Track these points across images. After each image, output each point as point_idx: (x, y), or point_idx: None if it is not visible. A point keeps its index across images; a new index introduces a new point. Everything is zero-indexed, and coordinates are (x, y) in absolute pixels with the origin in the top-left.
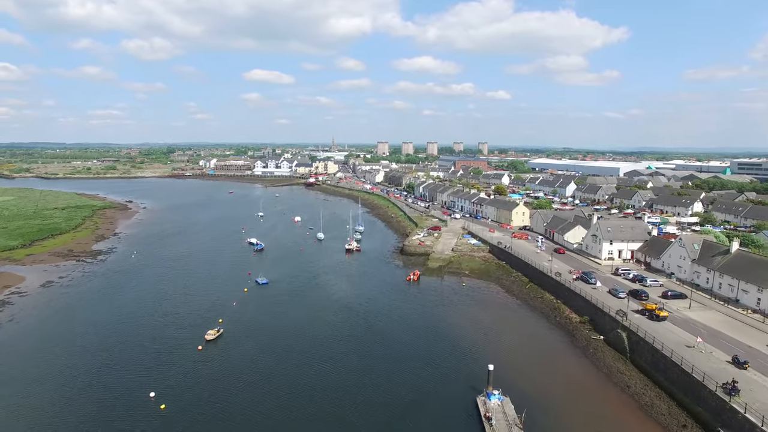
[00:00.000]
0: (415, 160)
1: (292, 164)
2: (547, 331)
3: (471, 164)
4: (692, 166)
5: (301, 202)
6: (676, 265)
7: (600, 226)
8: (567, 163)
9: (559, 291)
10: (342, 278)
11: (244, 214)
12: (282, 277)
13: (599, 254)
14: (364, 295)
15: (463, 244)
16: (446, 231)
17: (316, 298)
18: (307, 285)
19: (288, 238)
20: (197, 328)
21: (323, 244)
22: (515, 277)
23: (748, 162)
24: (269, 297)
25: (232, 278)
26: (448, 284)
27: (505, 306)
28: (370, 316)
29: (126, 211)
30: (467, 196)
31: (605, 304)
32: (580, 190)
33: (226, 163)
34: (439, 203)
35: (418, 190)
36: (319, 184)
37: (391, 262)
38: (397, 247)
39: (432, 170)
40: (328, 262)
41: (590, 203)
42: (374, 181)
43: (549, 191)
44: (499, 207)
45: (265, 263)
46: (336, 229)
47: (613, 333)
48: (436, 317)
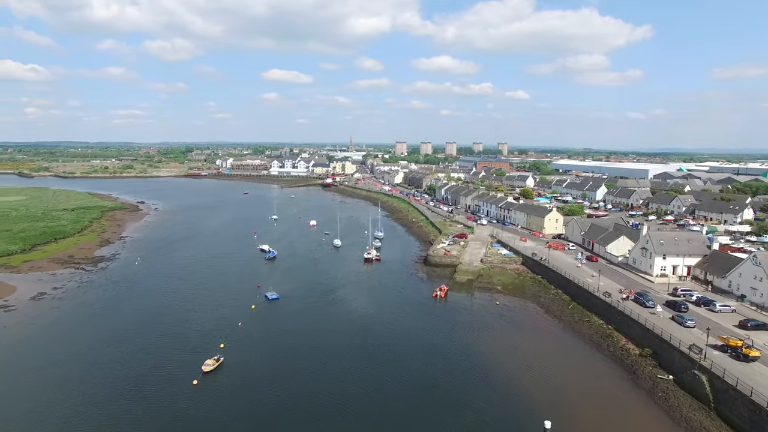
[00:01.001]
0: (434, 161)
1: (309, 164)
2: (603, 365)
3: (492, 165)
4: (728, 168)
5: (318, 204)
6: (749, 287)
7: (651, 238)
8: (591, 164)
9: (610, 314)
10: (360, 293)
11: (257, 217)
12: (294, 292)
13: (650, 270)
14: (386, 314)
15: (492, 255)
16: (473, 239)
17: (331, 319)
18: (321, 301)
19: (302, 244)
20: (195, 353)
21: (340, 251)
22: (555, 295)
23: None
24: (279, 317)
25: (239, 291)
26: (480, 302)
27: (547, 331)
28: (394, 343)
29: (136, 212)
30: (493, 200)
31: (672, 336)
32: (611, 194)
33: (243, 163)
34: (463, 207)
35: (439, 192)
36: (336, 185)
37: (414, 274)
38: (419, 257)
39: (452, 171)
40: (345, 274)
41: (623, 208)
42: (393, 182)
43: (578, 194)
44: (530, 213)
45: (276, 274)
46: (354, 235)
47: (688, 374)
48: (470, 345)
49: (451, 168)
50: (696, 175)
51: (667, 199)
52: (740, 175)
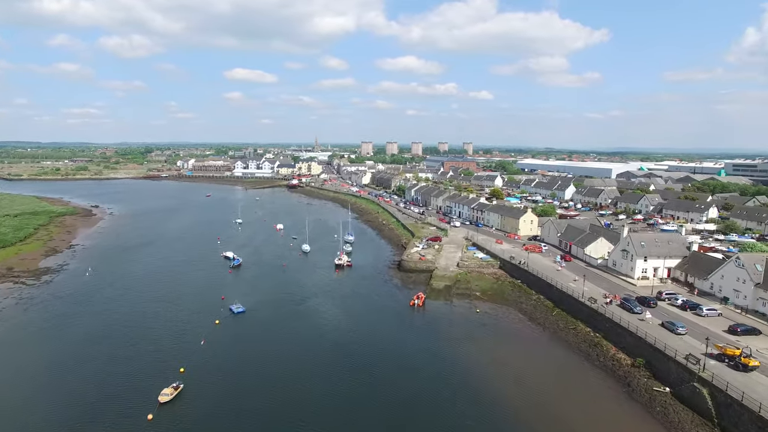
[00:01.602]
0: (401, 161)
1: (274, 165)
2: (594, 377)
3: (460, 165)
4: (685, 167)
5: (284, 206)
6: (732, 289)
7: (632, 240)
8: (556, 164)
9: (597, 321)
10: (333, 303)
11: (220, 221)
12: (262, 303)
13: (631, 272)
14: (361, 326)
15: (469, 259)
16: (447, 242)
17: (302, 334)
18: (291, 314)
19: (269, 250)
20: (151, 381)
21: (309, 257)
22: (537, 301)
23: (743, 163)
24: (245, 332)
25: (202, 305)
26: (459, 310)
27: (533, 341)
28: (371, 359)
29: (89, 217)
30: (465, 201)
31: (667, 345)
32: (579, 193)
33: (205, 164)
34: (434, 208)
35: (409, 193)
36: (302, 186)
37: (388, 281)
38: (393, 262)
39: (420, 171)
40: (315, 281)
41: (592, 207)
42: (361, 183)
43: (547, 194)
44: (504, 214)
45: (242, 284)
46: (323, 239)
47: (687, 387)
48: (453, 358)
49: (419, 168)
50: (657, 174)
51: (634, 199)
52: (697, 174)
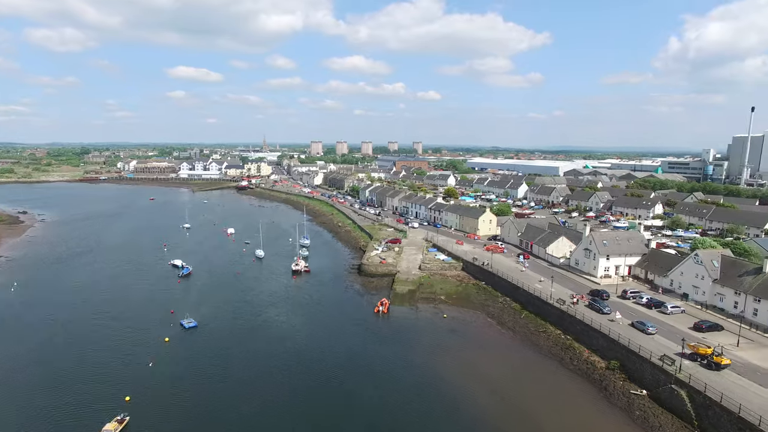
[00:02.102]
0: (352, 161)
1: (222, 166)
2: (570, 382)
3: (412, 164)
4: (626, 165)
5: (234, 209)
6: (691, 285)
7: (594, 239)
8: (506, 162)
9: (567, 323)
10: (292, 313)
11: (166, 226)
12: (215, 316)
13: (594, 271)
14: (324, 337)
15: (431, 261)
16: (407, 244)
17: (261, 348)
18: (248, 326)
19: (220, 256)
20: (92, 413)
21: (264, 263)
22: (503, 303)
23: (677, 161)
24: (199, 350)
25: (149, 320)
26: (426, 315)
27: (505, 346)
28: (338, 372)
29: (15, 225)
30: (422, 201)
31: (641, 347)
32: (532, 192)
33: (148, 165)
34: (390, 209)
35: (364, 194)
36: (252, 188)
37: (349, 287)
38: (352, 266)
39: (372, 171)
40: (272, 289)
41: (545, 205)
42: (313, 183)
43: (500, 193)
44: (462, 214)
45: (192, 295)
46: (277, 244)
47: (665, 389)
48: (425, 368)
49: (371, 168)
50: (601, 171)
51: (585, 196)
52: (637, 171)
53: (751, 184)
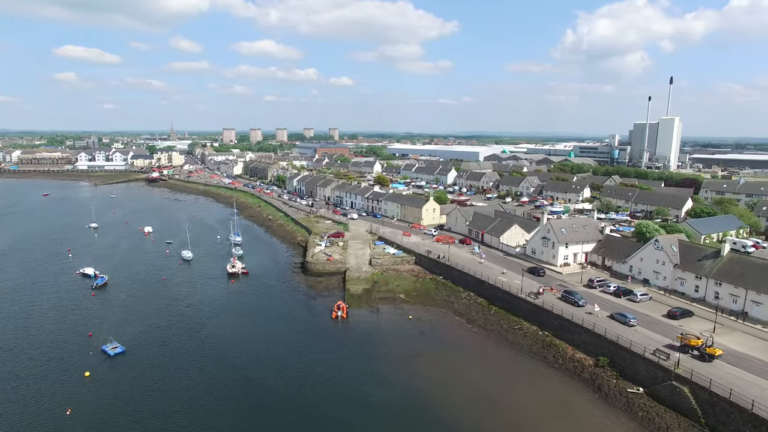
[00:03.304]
0: (269, 148)
1: (128, 156)
2: (560, 383)
3: (333, 151)
4: (541, 150)
5: (147, 204)
6: (651, 271)
7: (553, 227)
8: (426, 148)
9: (542, 318)
10: (236, 323)
11: (68, 226)
12: (145, 336)
13: (553, 260)
14: (279, 351)
15: (380, 255)
16: (350, 237)
17: (206, 373)
18: (186, 346)
19: (140, 260)
20: None
21: (193, 266)
22: (468, 299)
23: (587, 146)
24: (131, 384)
25: (61, 348)
26: (389, 318)
27: (481, 347)
28: (302, 394)
29: None
30: (358, 190)
31: (632, 342)
32: (461, 177)
33: (36, 156)
34: (322, 199)
35: (291, 184)
36: (164, 179)
37: (296, 289)
38: (295, 264)
39: (293, 159)
40: (208, 297)
41: (477, 191)
42: (232, 173)
43: (430, 179)
44: (404, 203)
45: (113, 311)
46: (204, 242)
47: (665, 386)
48: (400, 381)
49: (292, 156)
50: (519, 156)
51: (515, 181)
52: (552, 155)
53: (650, 167)
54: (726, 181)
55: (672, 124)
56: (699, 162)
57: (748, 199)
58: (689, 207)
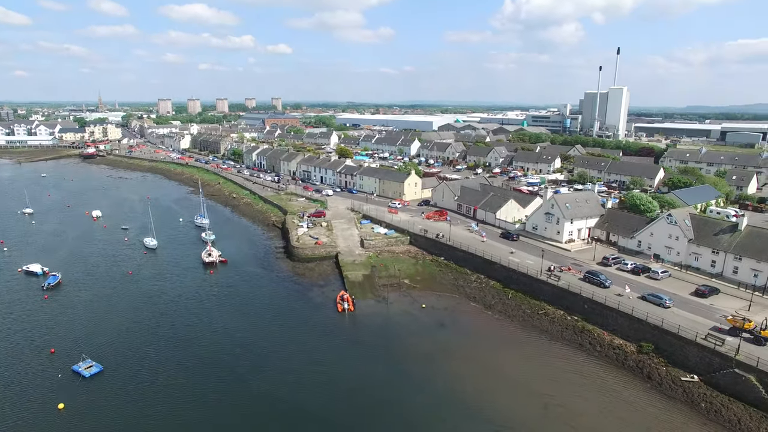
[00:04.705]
0: (212, 120)
1: (54, 129)
2: (605, 372)
3: (283, 122)
4: (495, 119)
5: (87, 183)
6: (663, 246)
7: (557, 202)
8: (378, 118)
9: (569, 302)
10: (227, 322)
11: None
12: (123, 349)
13: (558, 237)
14: (289, 358)
15: (371, 236)
16: (332, 216)
17: (210, 390)
18: (176, 357)
19: (95, 251)
20: None
21: (160, 255)
22: (479, 282)
23: (539, 115)
24: (118, 415)
25: (17, 375)
26: (401, 308)
27: (509, 337)
28: (331, 417)
29: None
30: (329, 164)
31: (679, 326)
32: (425, 148)
33: None
34: (286, 174)
35: (249, 158)
36: (102, 155)
37: (286, 278)
38: (276, 249)
39: (243, 131)
40: (186, 291)
41: (444, 162)
42: (179, 148)
43: (393, 150)
44: (383, 177)
45: (76, 317)
46: (166, 227)
47: (726, 374)
48: (439, 383)
49: (241, 128)
50: (474, 126)
51: (483, 152)
52: (505, 125)
53: (600, 135)
54: (689, 150)
55: (620, 93)
56: (642, 131)
57: (710, 167)
58: (661, 177)
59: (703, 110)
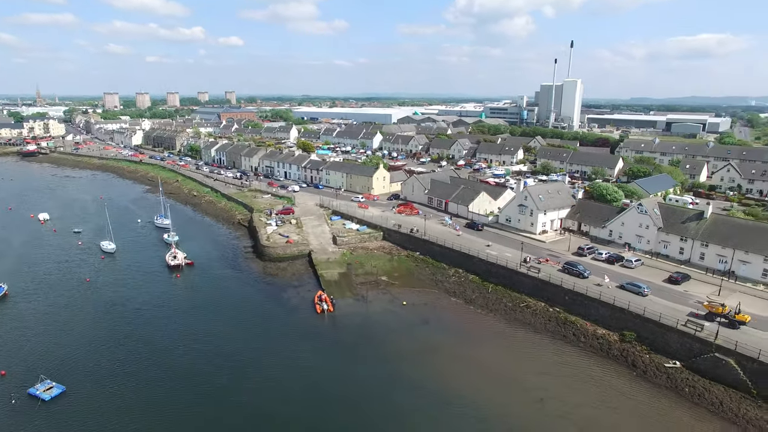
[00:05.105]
0: (163, 114)
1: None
2: (592, 363)
3: (240, 116)
4: (453, 111)
5: (30, 183)
6: (634, 235)
7: (531, 194)
8: (336, 111)
9: (550, 294)
10: (200, 329)
11: None
12: (86, 365)
13: (532, 228)
14: (270, 365)
15: (343, 232)
16: (301, 213)
17: (186, 405)
18: (148, 371)
19: (46, 257)
20: None
21: (119, 259)
22: (458, 277)
23: (497, 107)
24: None
25: None
26: (381, 306)
27: (495, 332)
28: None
29: None
30: (293, 159)
31: (660, 314)
32: (388, 141)
33: None
34: (248, 170)
35: (208, 154)
36: (45, 153)
37: (259, 279)
38: (245, 249)
39: (198, 126)
40: (152, 297)
41: (407, 155)
42: (131, 144)
43: (356, 144)
44: (350, 172)
45: (27, 332)
46: (124, 229)
47: (706, 358)
48: (433, 383)
49: (195, 122)
50: (433, 118)
51: (446, 144)
52: (464, 116)
53: (556, 126)
54: (643, 141)
55: (575, 85)
56: (594, 122)
57: (663, 156)
58: (620, 167)
59: (647, 102)
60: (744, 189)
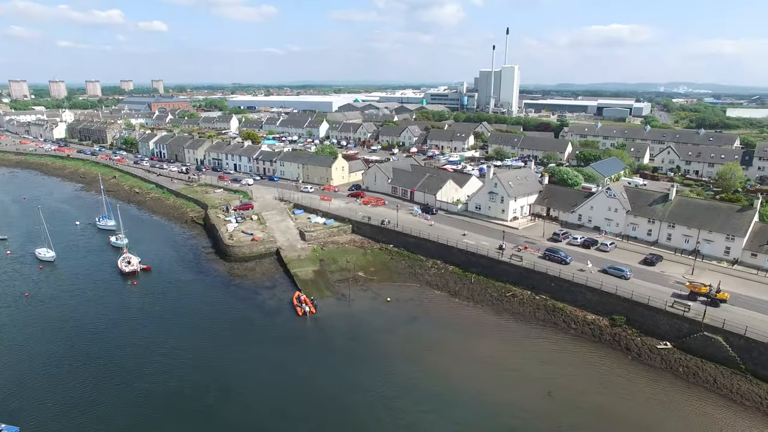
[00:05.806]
0: (85, 105)
1: None
2: (587, 349)
3: (173, 106)
4: (394, 98)
5: None
6: (603, 219)
7: (501, 181)
8: (274, 99)
9: (535, 282)
10: (170, 343)
11: None
12: (40, 399)
13: (503, 215)
14: (256, 378)
15: (310, 227)
16: (261, 208)
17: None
18: (114, 399)
19: None
20: None
21: (61, 268)
22: (437, 268)
23: (438, 93)
24: None
25: None
26: (364, 304)
27: (487, 324)
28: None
29: None
30: (242, 150)
31: (649, 297)
32: (335, 129)
33: None
34: (192, 163)
35: (146, 147)
36: None
37: (227, 282)
38: (206, 249)
39: (128, 116)
40: (107, 310)
41: (356, 144)
42: (52, 137)
43: (302, 133)
44: (307, 163)
45: None
46: (61, 233)
47: (696, 338)
48: (438, 386)
49: (124, 113)
50: (374, 105)
51: (395, 131)
52: (405, 103)
53: (496, 112)
54: (587, 125)
55: (512, 72)
56: (530, 107)
57: (605, 140)
58: (570, 151)
59: (573, 88)
60: (683, 170)
